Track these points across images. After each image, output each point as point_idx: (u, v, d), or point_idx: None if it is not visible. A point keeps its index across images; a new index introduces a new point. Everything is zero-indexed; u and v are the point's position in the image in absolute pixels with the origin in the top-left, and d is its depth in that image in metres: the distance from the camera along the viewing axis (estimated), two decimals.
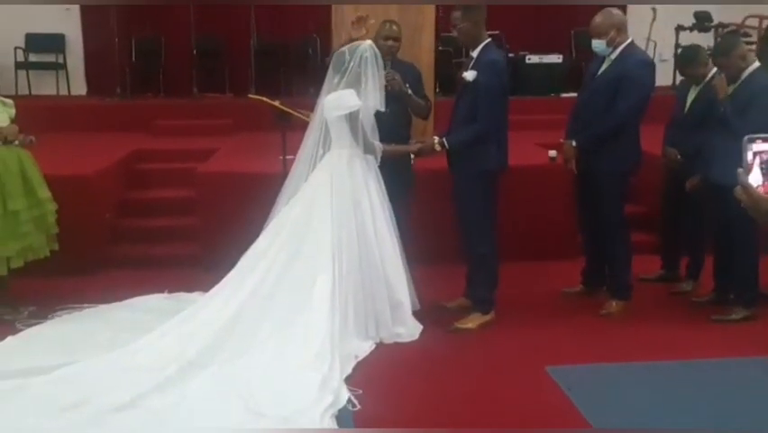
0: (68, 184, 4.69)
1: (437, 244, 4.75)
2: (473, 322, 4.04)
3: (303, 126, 4.15)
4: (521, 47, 8.66)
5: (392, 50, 4.20)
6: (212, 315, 3.67)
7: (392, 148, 3.99)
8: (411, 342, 3.85)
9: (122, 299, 4.31)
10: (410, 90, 4.18)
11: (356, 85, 3.84)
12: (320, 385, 3.21)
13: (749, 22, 8.09)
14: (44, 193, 4.21)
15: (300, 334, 3.54)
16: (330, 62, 4.01)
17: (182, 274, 4.78)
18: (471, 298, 4.18)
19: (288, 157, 4.40)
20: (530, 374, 3.50)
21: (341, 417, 3.07)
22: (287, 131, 4.73)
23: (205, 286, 4.01)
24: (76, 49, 8.90)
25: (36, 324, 4.02)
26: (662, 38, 8.30)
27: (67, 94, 8.71)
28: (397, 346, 3.80)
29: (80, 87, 8.91)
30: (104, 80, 8.41)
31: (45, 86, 8.67)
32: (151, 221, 5.53)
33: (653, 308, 4.36)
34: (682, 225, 4.62)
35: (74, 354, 3.51)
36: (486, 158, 3.89)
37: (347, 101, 3.81)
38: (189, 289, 4.40)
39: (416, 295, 4.05)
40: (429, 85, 5.13)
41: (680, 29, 8.38)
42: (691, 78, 4.45)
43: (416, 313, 4.00)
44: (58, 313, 4.18)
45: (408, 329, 3.90)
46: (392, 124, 4.11)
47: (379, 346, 3.77)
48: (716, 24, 8.44)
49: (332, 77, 3.92)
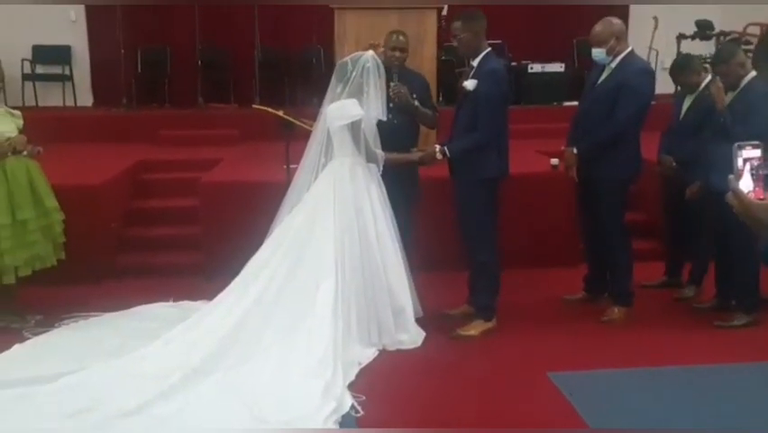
0: (74, 194, 4.73)
1: (440, 251, 4.79)
2: (476, 329, 4.07)
3: (306, 136, 4.19)
4: (523, 56, 8.70)
5: (399, 60, 4.21)
6: (216, 322, 3.70)
7: (394, 156, 4.02)
8: (414, 349, 3.87)
9: (127, 308, 4.35)
10: (417, 101, 4.20)
11: (358, 94, 3.88)
12: (323, 391, 3.23)
13: (750, 30, 8.10)
14: (52, 203, 4.24)
15: (303, 341, 3.57)
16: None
17: (186, 283, 4.82)
18: (474, 305, 4.20)
19: (292, 166, 4.43)
20: (532, 380, 3.52)
21: (344, 423, 3.10)
22: (290, 140, 4.78)
23: (210, 294, 4.04)
24: (82, 60, 8.97)
25: (43, 332, 4.06)
26: (663, 46, 8.33)
27: (73, 105, 8.78)
28: (399, 353, 3.82)
29: (86, 99, 8.96)
30: (109, 91, 8.46)
31: (52, 97, 8.74)
32: (156, 230, 5.56)
33: (655, 315, 4.37)
34: (684, 231, 4.64)
35: (80, 361, 3.55)
36: (487, 165, 3.92)
37: (349, 110, 3.85)
38: (194, 297, 4.43)
39: (418, 302, 4.07)
40: (431, 94, 5.15)
41: (681, 37, 8.41)
42: (685, 87, 4.49)
43: (418, 320, 4.02)
44: (64, 321, 4.21)
45: (411, 336, 3.92)
46: (400, 134, 4.16)
47: (382, 353, 3.79)
48: (717, 33, 8.45)
49: (334, 86, 3.96)
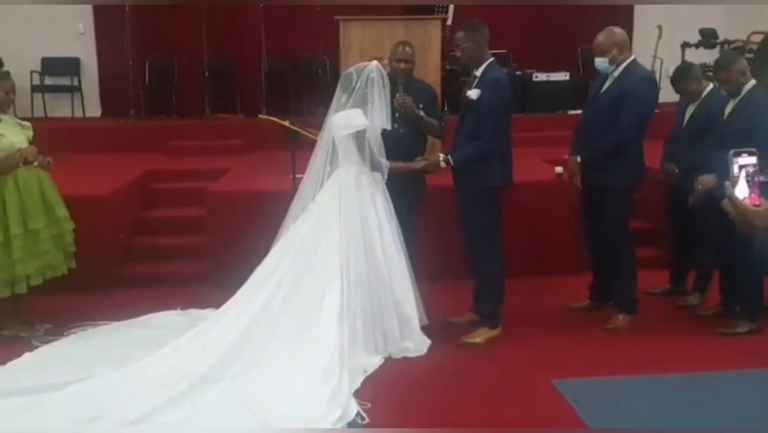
0: (83, 204, 4.76)
1: (445, 259, 4.81)
2: (481, 337, 4.09)
3: (312, 145, 4.23)
4: (528, 65, 8.75)
5: (405, 71, 4.25)
6: (223, 330, 3.73)
7: (398, 165, 4.06)
8: (419, 356, 3.89)
9: (136, 316, 4.39)
10: (423, 111, 4.23)
11: (363, 104, 3.92)
12: (329, 399, 3.26)
13: (754, 38, 8.10)
14: (62, 212, 4.28)
15: (309, 348, 3.60)
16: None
17: (194, 291, 4.86)
18: (479, 313, 4.22)
19: (298, 175, 4.47)
20: (537, 387, 3.53)
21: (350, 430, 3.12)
22: (296, 150, 4.82)
23: (217, 302, 4.08)
24: (90, 72, 9.05)
25: (52, 341, 4.09)
26: (668, 55, 8.35)
27: (82, 116, 8.86)
28: (405, 361, 3.84)
29: (95, 110, 9.04)
30: (118, 102, 8.56)
31: (61, 108, 8.83)
32: (164, 239, 5.61)
33: (659, 322, 4.38)
34: (687, 239, 4.65)
35: (88, 369, 3.58)
36: (490, 174, 3.95)
37: (354, 120, 3.89)
38: (201, 305, 4.47)
39: (424, 310, 4.09)
40: (438, 104, 5.19)
41: (685, 46, 8.42)
42: (686, 95, 4.52)
43: (424, 328, 4.04)
44: (73, 330, 4.25)
45: (416, 344, 3.94)
46: (406, 144, 4.20)
47: (388, 361, 3.81)
48: (721, 41, 8.47)
49: (339, 96, 4.01)
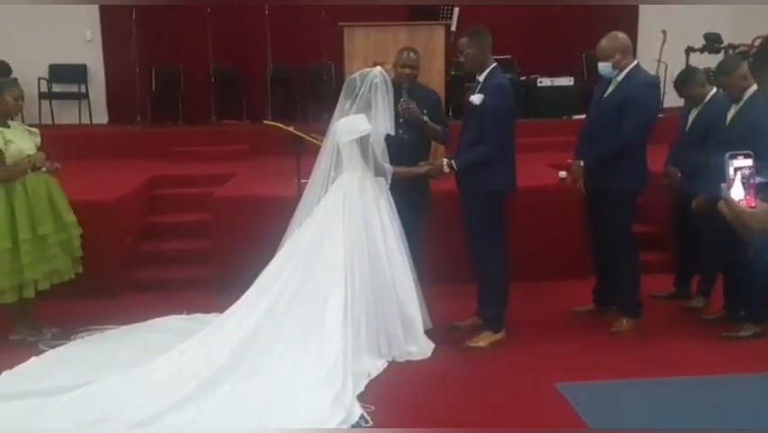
0: (90, 209, 4.79)
1: (449, 263, 4.82)
2: (484, 340, 4.10)
3: (316, 150, 4.26)
4: (533, 70, 8.76)
5: (410, 77, 4.28)
6: (228, 334, 3.76)
7: (402, 170, 4.09)
8: (423, 360, 3.90)
9: (142, 321, 4.42)
10: (427, 117, 4.25)
11: (366, 110, 3.95)
12: (333, 402, 3.28)
13: (758, 43, 8.10)
14: (70, 217, 4.32)
15: (314, 352, 3.62)
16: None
17: (199, 296, 4.89)
18: (482, 316, 4.23)
19: (302, 181, 4.50)
20: (540, 391, 3.54)
21: None
22: (301, 155, 4.86)
23: (222, 307, 4.10)
24: (97, 79, 9.11)
25: (59, 345, 4.13)
26: (672, 60, 8.36)
27: (89, 123, 8.91)
28: (409, 364, 3.86)
29: (102, 116, 9.10)
30: (124, 109, 8.61)
31: (68, 115, 8.88)
32: (170, 244, 5.65)
33: (663, 326, 4.38)
34: (691, 243, 4.66)
35: (95, 373, 3.61)
36: (493, 178, 3.97)
37: (358, 126, 3.92)
38: (206, 310, 4.49)
39: (427, 314, 4.11)
40: (443, 110, 5.21)
41: (690, 50, 8.42)
42: (689, 99, 4.53)
43: (427, 332, 4.06)
44: (80, 335, 4.28)
45: (420, 347, 3.95)
46: (411, 149, 4.23)
47: (392, 364, 3.82)
48: (726, 45, 8.46)
49: (343, 102, 4.04)
